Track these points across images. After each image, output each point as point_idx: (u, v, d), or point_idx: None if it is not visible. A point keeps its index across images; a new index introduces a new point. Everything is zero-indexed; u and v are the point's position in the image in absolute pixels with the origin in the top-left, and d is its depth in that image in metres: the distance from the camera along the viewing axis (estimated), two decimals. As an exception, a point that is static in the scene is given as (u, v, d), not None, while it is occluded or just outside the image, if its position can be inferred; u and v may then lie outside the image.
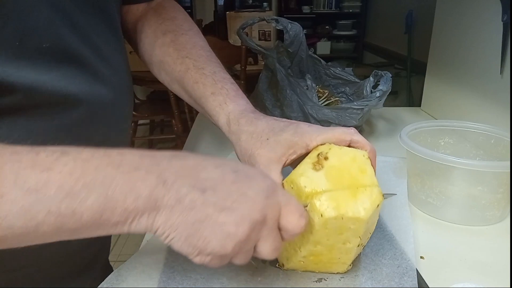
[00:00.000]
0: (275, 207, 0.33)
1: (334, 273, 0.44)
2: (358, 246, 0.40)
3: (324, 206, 0.35)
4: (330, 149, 0.40)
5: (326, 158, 0.39)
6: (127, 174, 0.29)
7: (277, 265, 0.46)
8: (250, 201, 0.31)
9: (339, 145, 0.42)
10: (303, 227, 0.34)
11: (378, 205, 0.37)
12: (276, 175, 0.42)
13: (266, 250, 0.33)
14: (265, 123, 0.45)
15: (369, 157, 0.41)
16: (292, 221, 0.33)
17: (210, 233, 0.30)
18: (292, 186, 0.39)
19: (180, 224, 0.30)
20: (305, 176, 0.38)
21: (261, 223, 0.31)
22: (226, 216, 0.30)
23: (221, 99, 0.49)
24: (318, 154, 0.40)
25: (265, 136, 0.43)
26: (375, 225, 0.42)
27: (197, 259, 0.32)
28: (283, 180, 0.42)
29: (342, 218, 0.35)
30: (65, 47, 0.39)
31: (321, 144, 0.42)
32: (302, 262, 0.43)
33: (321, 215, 0.36)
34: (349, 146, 0.43)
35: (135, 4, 0.58)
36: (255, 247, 0.33)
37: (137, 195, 0.29)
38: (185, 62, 0.52)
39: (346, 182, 0.37)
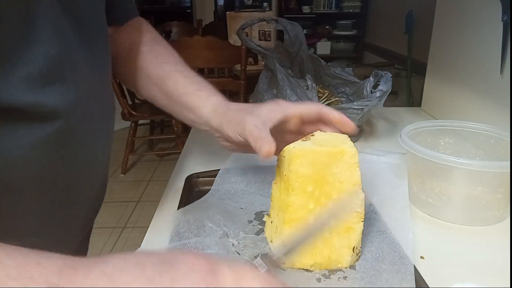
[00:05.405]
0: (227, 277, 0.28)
1: (339, 267, 0.45)
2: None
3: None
4: (316, 131, 0.49)
5: (312, 135, 0.48)
6: None
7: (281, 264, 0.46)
8: None
9: (310, 115, 0.50)
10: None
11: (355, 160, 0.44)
12: (267, 134, 0.46)
13: None
14: (250, 104, 0.54)
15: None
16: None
17: None
18: (284, 155, 0.47)
19: None
20: (295, 144, 0.46)
21: None
22: None
23: (205, 93, 0.56)
24: (307, 135, 0.48)
25: (250, 109, 0.51)
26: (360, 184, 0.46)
27: None
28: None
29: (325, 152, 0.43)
30: (69, 56, 0.40)
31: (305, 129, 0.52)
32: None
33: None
34: (320, 117, 0.51)
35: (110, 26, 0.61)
36: None
37: None
38: (165, 67, 0.59)
39: (328, 145, 0.45)
